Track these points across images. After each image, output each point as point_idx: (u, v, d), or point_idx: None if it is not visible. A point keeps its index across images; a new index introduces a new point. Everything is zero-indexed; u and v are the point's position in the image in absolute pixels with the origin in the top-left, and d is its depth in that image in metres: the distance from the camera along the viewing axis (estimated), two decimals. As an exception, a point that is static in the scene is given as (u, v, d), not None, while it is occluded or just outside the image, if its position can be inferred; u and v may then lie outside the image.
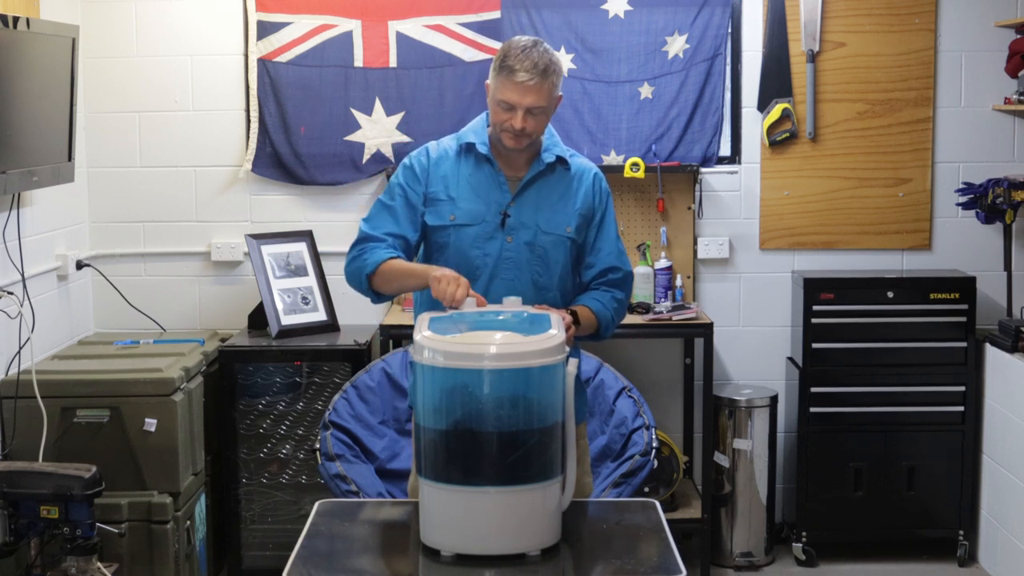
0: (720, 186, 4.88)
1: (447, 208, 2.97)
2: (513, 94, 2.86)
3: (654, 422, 3.77)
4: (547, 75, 2.86)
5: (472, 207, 2.96)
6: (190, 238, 4.88)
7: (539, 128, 2.93)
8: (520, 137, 2.91)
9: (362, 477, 3.63)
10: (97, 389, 4.02)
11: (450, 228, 2.96)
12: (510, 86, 2.86)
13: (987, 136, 4.86)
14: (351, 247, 3.01)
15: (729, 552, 4.75)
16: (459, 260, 2.95)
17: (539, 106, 2.87)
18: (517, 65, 2.85)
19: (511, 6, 4.76)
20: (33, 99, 3.87)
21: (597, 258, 3.06)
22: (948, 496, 4.71)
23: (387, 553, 2.71)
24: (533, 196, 2.98)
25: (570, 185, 3.03)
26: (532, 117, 2.88)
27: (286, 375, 4.53)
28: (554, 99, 2.92)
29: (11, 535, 3.48)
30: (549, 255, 2.98)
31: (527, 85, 2.84)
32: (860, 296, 4.67)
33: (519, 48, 2.88)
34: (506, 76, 2.86)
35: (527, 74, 2.84)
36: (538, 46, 2.89)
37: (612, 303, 3.04)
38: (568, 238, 3.00)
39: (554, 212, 2.99)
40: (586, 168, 3.08)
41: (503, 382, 2.48)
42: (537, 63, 2.85)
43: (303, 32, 4.76)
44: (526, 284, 2.95)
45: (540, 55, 2.86)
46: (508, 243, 2.95)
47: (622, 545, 2.63)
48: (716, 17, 4.77)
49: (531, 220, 2.96)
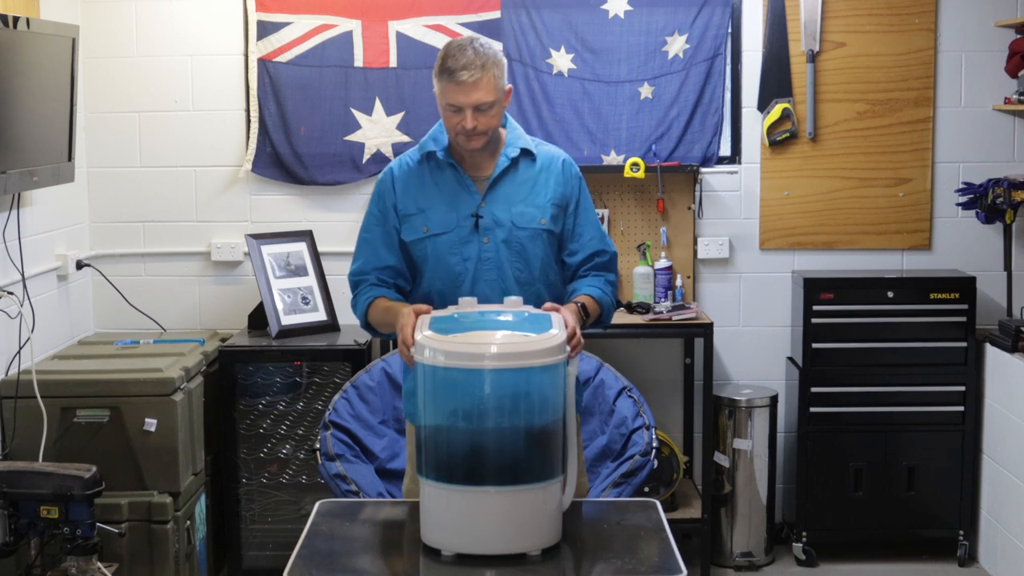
0: (720, 186, 4.88)
1: (419, 221, 2.96)
2: (457, 95, 2.84)
3: (654, 422, 3.77)
4: (487, 68, 2.84)
5: (443, 215, 2.95)
6: (190, 238, 4.88)
7: (492, 123, 2.90)
8: (474, 136, 2.89)
9: (362, 477, 3.62)
10: (97, 389, 4.02)
11: (425, 240, 2.96)
12: (453, 88, 2.84)
13: (987, 136, 4.86)
14: (351, 288, 3.05)
15: (729, 552, 4.75)
16: (439, 268, 2.95)
17: (486, 101, 2.85)
18: (455, 65, 2.83)
19: (511, 6, 4.76)
20: (33, 99, 3.87)
21: (580, 244, 3.05)
22: (948, 496, 4.71)
23: (387, 553, 2.71)
24: (502, 193, 2.97)
25: (539, 176, 3.01)
26: (481, 114, 2.86)
27: (286, 375, 4.53)
28: (501, 91, 2.89)
29: (11, 535, 3.47)
30: (527, 250, 2.96)
31: (468, 83, 2.82)
32: (860, 296, 4.67)
33: (455, 48, 2.86)
34: (447, 79, 2.84)
35: (466, 72, 2.82)
36: (473, 43, 2.86)
37: (607, 287, 3.05)
38: (544, 230, 2.98)
39: (526, 206, 2.97)
40: (553, 156, 3.05)
41: (504, 382, 2.48)
42: (474, 60, 2.83)
43: (303, 32, 4.76)
44: (509, 283, 2.94)
45: (476, 51, 2.84)
46: (485, 244, 2.94)
47: (622, 545, 2.63)
48: (716, 17, 4.77)
49: (504, 218, 2.95)
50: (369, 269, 3.01)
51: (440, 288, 2.94)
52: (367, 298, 2.99)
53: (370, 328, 3.03)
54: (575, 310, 2.87)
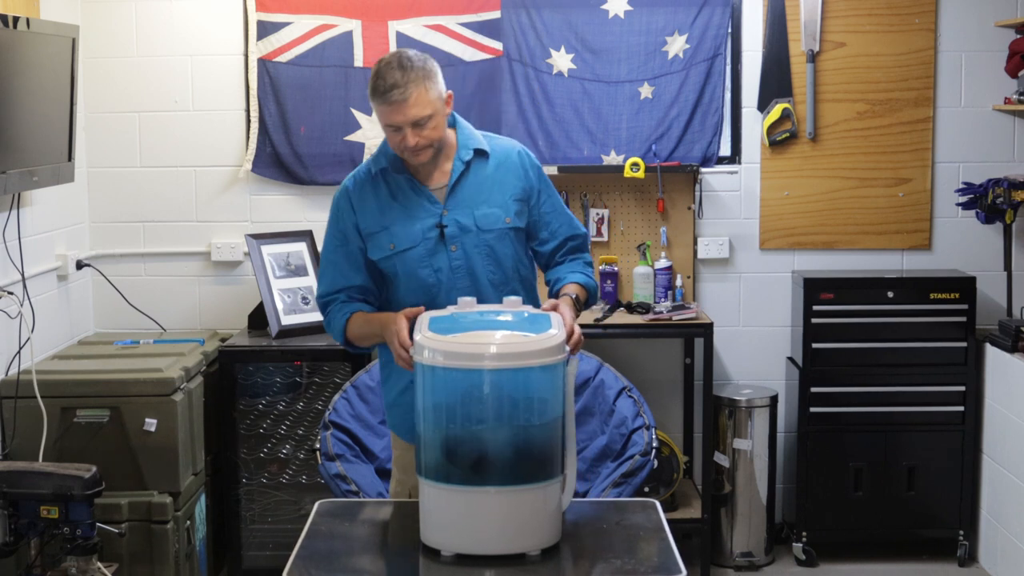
0: (720, 186, 4.88)
1: (384, 238, 2.92)
2: (392, 115, 2.80)
3: (654, 422, 3.77)
4: (417, 83, 2.78)
5: (407, 229, 2.91)
6: (190, 238, 4.88)
7: (434, 135, 2.85)
8: (419, 151, 2.85)
9: (362, 477, 3.62)
10: (97, 389, 4.02)
11: (393, 257, 2.92)
12: (387, 109, 2.80)
13: (987, 136, 4.86)
14: (320, 309, 3.02)
15: (729, 552, 4.75)
16: (411, 283, 2.93)
17: (423, 116, 2.80)
18: (383, 86, 2.78)
19: (511, 6, 4.76)
20: (33, 99, 3.87)
21: (551, 232, 3.04)
22: (948, 496, 4.71)
23: (387, 553, 2.71)
24: (463, 198, 2.93)
25: (497, 174, 2.97)
26: (422, 128, 2.81)
27: (286, 375, 4.53)
28: (438, 100, 2.84)
29: (11, 535, 3.47)
30: (497, 252, 2.94)
31: (400, 102, 2.78)
32: (860, 296, 4.67)
33: (383, 68, 2.81)
34: (380, 101, 2.80)
35: (396, 91, 2.77)
36: (401, 58, 2.80)
37: (588, 268, 3.06)
38: (510, 228, 2.96)
39: (489, 207, 2.94)
40: (508, 150, 3.02)
41: (503, 382, 2.48)
42: (401, 78, 2.77)
43: (303, 32, 4.76)
44: (483, 287, 2.92)
45: (403, 67, 2.78)
46: (453, 252, 2.91)
47: (622, 545, 2.63)
48: (716, 17, 4.77)
49: (468, 223, 2.92)
50: (338, 289, 2.97)
51: (414, 301, 2.89)
52: (344, 314, 2.95)
53: (350, 344, 2.99)
54: (571, 304, 2.87)
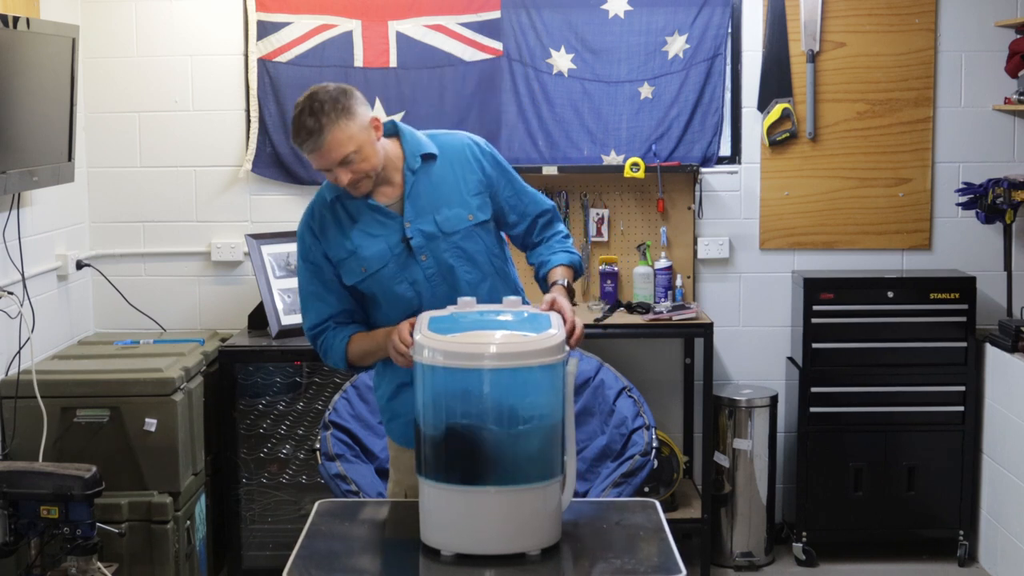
0: (720, 186, 4.88)
1: (354, 263, 2.90)
2: (318, 161, 2.78)
3: (654, 422, 3.77)
4: (329, 126, 2.72)
5: (374, 250, 2.88)
6: (190, 238, 4.88)
7: (367, 166, 2.80)
8: (356, 185, 2.82)
9: (362, 477, 3.63)
10: (97, 389, 4.02)
11: (367, 279, 2.90)
12: (310, 157, 2.78)
13: (987, 136, 4.86)
14: (311, 342, 3.00)
15: (729, 552, 4.75)
16: (389, 299, 2.91)
17: (347, 154, 2.75)
18: (298, 139, 2.76)
19: (511, 6, 4.76)
20: (33, 99, 3.87)
21: (520, 213, 3.01)
22: (948, 496, 4.71)
23: (387, 553, 2.71)
24: (421, 206, 2.89)
25: (450, 173, 2.93)
26: (351, 164, 2.77)
27: (286, 375, 4.53)
28: (361, 131, 2.77)
29: (11, 535, 3.47)
30: (467, 250, 2.92)
31: (318, 149, 2.75)
32: (860, 296, 4.67)
33: (296, 118, 2.76)
34: (301, 150, 2.78)
35: (310, 141, 2.74)
36: (311, 102, 2.74)
37: (566, 243, 3.04)
38: (475, 224, 2.93)
39: (449, 208, 2.90)
40: (458, 146, 2.97)
41: (503, 381, 2.48)
42: (313, 125, 2.72)
43: (303, 32, 4.76)
44: (462, 289, 2.89)
45: (313, 113, 2.72)
46: (424, 262, 2.89)
47: (622, 545, 2.63)
48: (716, 17, 4.77)
49: (432, 230, 2.88)
50: (325, 318, 2.95)
51: (397, 317, 2.87)
52: (341, 339, 2.94)
53: (352, 367, 2.98)
54: (564, 292, 2.86)
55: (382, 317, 2.94)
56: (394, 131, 2.95)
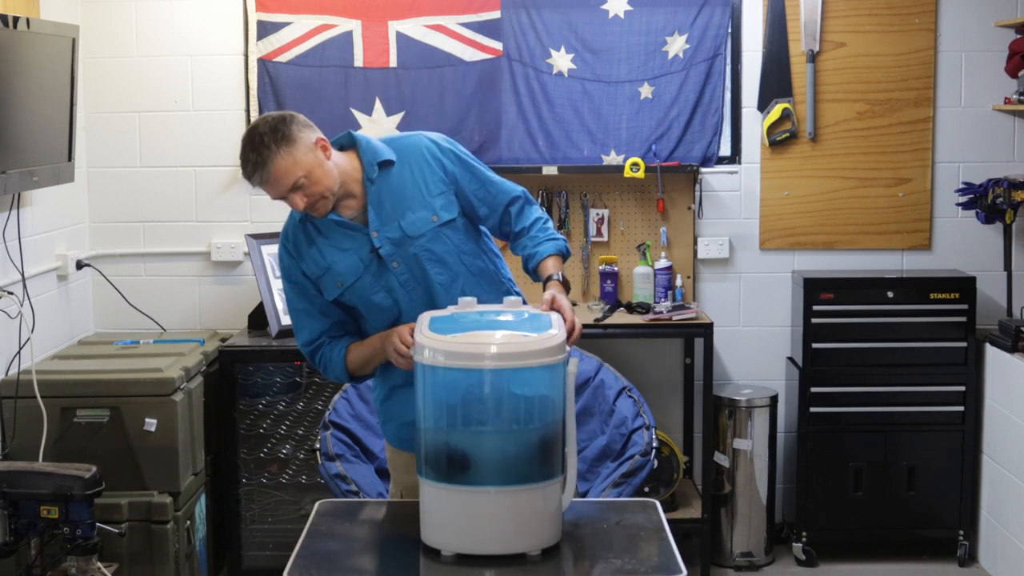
0: (720, 186, 4.88)
1: (330, 279, 2.88)
2: (270, 192, 2.77)
3: (654, 422, 3.78)
4: (273, 156, 2.70)
5: (347, 264, 2.86)
6: (190, 238, 4.88)
7: (321, 187, 2.76)
8: (314, 208, 2.80)
9: (362, 477, 3.63)
10: (97, 389, 4.02)
11: (345, 292, 2.88)
12: (262, 189, 2.77)
13: (987, 136, 4.86)
14: (309, 359, 2.98)
15: (729, 552, 4.75)
16: (370, 310, 2.90)
17: (295, 180, 2.72)
18: (245, 174, 2.75)
19: (511, 6, 4.76)
20: (33, 99, 3.87)
21: (490, 206, 2.96)
22: (948, 496, 4.71)
23: (387, 553, 2.71)
24: (385, 214, 2.86)
25: (410, 176, 2.90)
26: (304, 188, 2.74)
27: (286, 375, 4.53)
28: (307, 155, 2.74)
29: (11, 535, 3.47)
30: (437, 252, 2.88)
31: (265, 182, 2.74)
32: (860, 296, 4.67)
33: (242, 149, 2.74)
34: (251, 185, 2.77)
35: (256, 175, 2.72)
36: (252, 136, 2.72)
37: (547, 227, 2.99)
38: (440, 224, 2.89)
39: (413, 212, 2.87)
40: (415, 147, 2.92)
41: (503, 381, 2.48)
42: (256, 159, 2.70)
43: (303, 32, 4.76)
44: (436, 292, 2.87)
45: (255, 146, 2.71)
46: (397, 269, 2.86)
47: (622, 545, 2.63)
48: (716, 17, 4.77)
49: (399, 236, 2.86)
50: (318, 333, 2.94)
51: (380, 327, 2.88)
52: (339, 350, 2.93)
53: (353, 377, 2.97)
54: (561, 288, 2.84)
55: (368, 328, 2.94)
56: (350, 143, 2.93)
